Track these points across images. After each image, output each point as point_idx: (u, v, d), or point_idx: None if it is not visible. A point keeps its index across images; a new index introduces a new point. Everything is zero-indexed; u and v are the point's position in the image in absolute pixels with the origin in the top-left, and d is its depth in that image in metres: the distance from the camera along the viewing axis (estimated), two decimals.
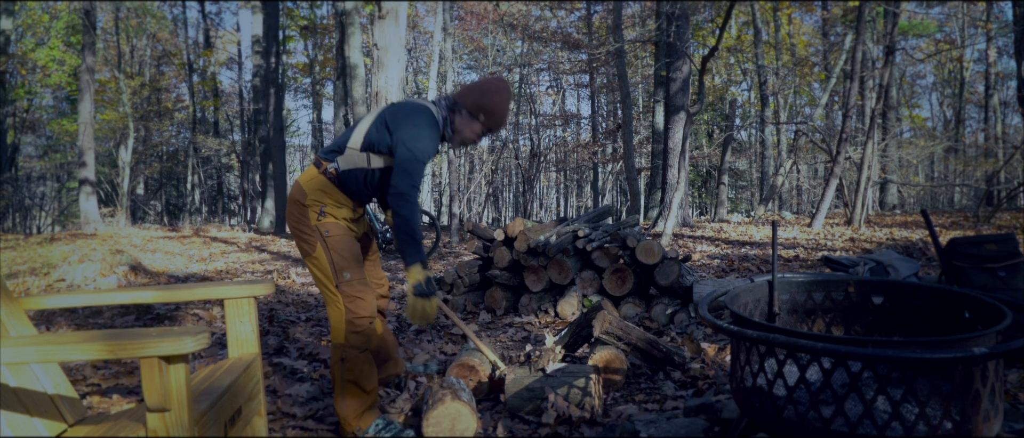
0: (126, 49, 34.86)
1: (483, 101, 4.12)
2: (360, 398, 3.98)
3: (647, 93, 35.16)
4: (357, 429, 3.97)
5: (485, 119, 4.16)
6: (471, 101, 4.13)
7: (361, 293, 4.02)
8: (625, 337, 5.06)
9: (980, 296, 2.99)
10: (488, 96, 4.14)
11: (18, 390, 2.53)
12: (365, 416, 3.99)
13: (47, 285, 9.39)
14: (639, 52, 31.98)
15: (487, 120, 4.16)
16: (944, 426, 2.44)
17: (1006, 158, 26.26)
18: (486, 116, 4.15)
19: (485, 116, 4.15)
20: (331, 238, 4.00)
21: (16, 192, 32.04)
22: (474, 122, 4.18)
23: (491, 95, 4.15)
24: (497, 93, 4.17)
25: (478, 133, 4.23)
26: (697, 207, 39.77)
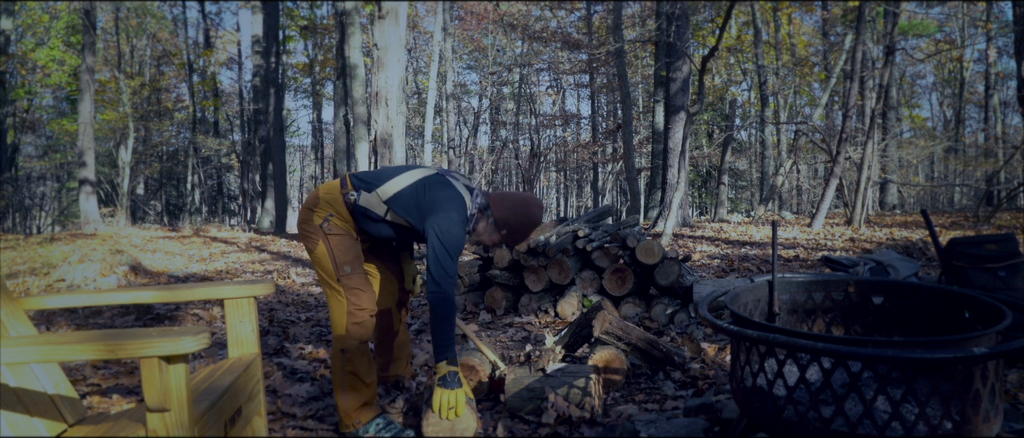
0: (126, 49, 34.86)
1: (512, 219, 4.20)
2: (359, 391, 4.05)
3: (647, 93, 35.16)
4: (355, 422, 4.03)
5: (506, 234, 4.25)
6: (501, 214, 4.20)
7: (362, 286, 4.11)
8: (625, 337, 5.06)
9: (980, 296, 3.00)
10: (518, 216, 4.21)
11: (18, 390, 2.53)
12: (364, 410, 4.06)
13: (47, 285, 9.40)
14: (639, 52, 32.00)
15: (507, 235, 4.25)
16: (944, 426, 2.44)
17: (1006, 158, 26.27)
18: (508, 232, 4.24)
19: (508, 231, 4.24)
20: (333, 236, 4.10)
21: (16, 192, 32.04)
22: (496, 233, 4.26)
23: (521, 216, 4.21)
24: (527, 217, 4.23)
25: (495, 242, 4.33)
26: (697, 207, 39.78)
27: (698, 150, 32.95)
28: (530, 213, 4.21)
